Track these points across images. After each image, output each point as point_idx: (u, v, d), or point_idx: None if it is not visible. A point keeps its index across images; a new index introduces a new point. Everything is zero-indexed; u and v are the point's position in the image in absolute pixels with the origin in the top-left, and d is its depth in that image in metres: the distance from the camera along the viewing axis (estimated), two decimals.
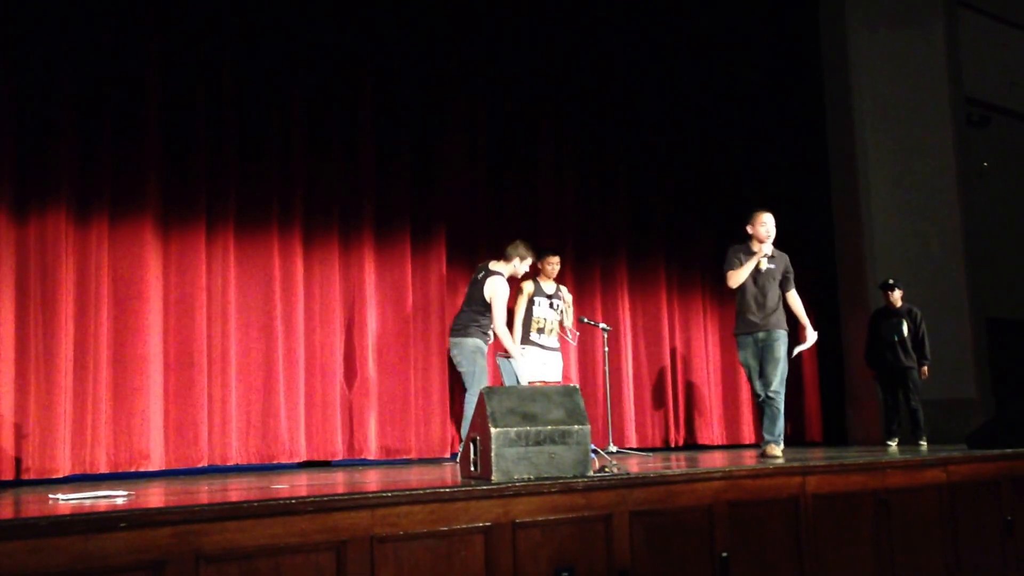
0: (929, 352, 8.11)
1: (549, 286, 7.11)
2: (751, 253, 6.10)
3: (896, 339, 8.04)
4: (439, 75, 7.46)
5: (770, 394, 5.96)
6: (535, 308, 7.01)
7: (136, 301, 5.85)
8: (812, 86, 10.01)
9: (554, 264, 7.11)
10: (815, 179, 9.85)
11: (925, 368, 8.10)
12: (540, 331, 6.99)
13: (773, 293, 6.09)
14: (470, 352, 6.49)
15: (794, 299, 6.20)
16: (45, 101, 5.70)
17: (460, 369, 6.56)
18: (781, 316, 6.08)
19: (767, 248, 6.07)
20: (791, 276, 6.20)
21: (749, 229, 6.19)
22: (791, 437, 9.06)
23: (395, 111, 7.18)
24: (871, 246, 9.54)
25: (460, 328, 6.59)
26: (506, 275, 6.65)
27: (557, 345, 7.11)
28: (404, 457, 6.84)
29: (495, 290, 6.53)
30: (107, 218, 5.85)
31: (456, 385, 7.18)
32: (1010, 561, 5.57)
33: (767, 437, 5.96)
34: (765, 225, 6.11)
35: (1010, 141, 11.27)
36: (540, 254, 7.04)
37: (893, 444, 7.93)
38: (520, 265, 6.72)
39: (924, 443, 7.77)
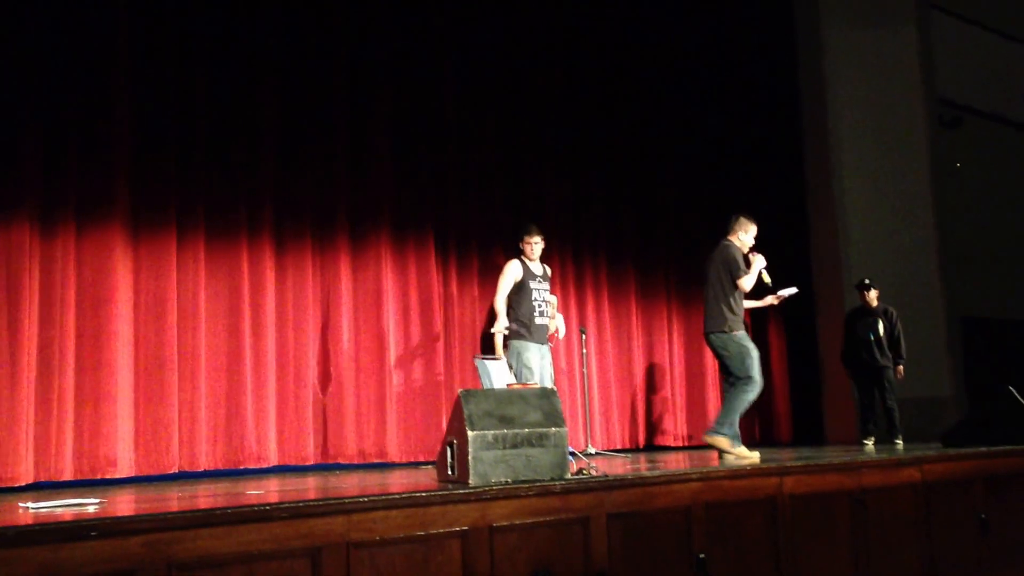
0: (905, 351, 8.17)
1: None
2: (743, 257, 6.28)
3: (872, 338, 8.09)
4: (418, 73, 7.44)
5: None
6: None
7: (104, 307, 5.77)
8: (787, 87, 10.06)
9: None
10: (790, 180, 9.91)
11: (900, 367, 8.15)
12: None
13: None
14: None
15: None
16: (8, 106, 5.61)
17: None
18: None
19: (762, 260, 6.26)
20: None
21: (740, 234, 6.34)
22: (761, 438, 9.12)
23: (373, 112, 7.14)
24: (846, 246, 9.59)
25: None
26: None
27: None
28: (381, 461, 6.80)
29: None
30: (73, 225, 5.77)
31: (447, 387, 7.17)
32: (985, 560, 5.60)
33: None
34: (753, 235, 6.41)
35: (982, 141, 11.38)
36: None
37: (869, 443, 7.97)
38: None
39: (900, 442, 7.82)
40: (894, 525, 5.18)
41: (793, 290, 6.60)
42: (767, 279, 6.26)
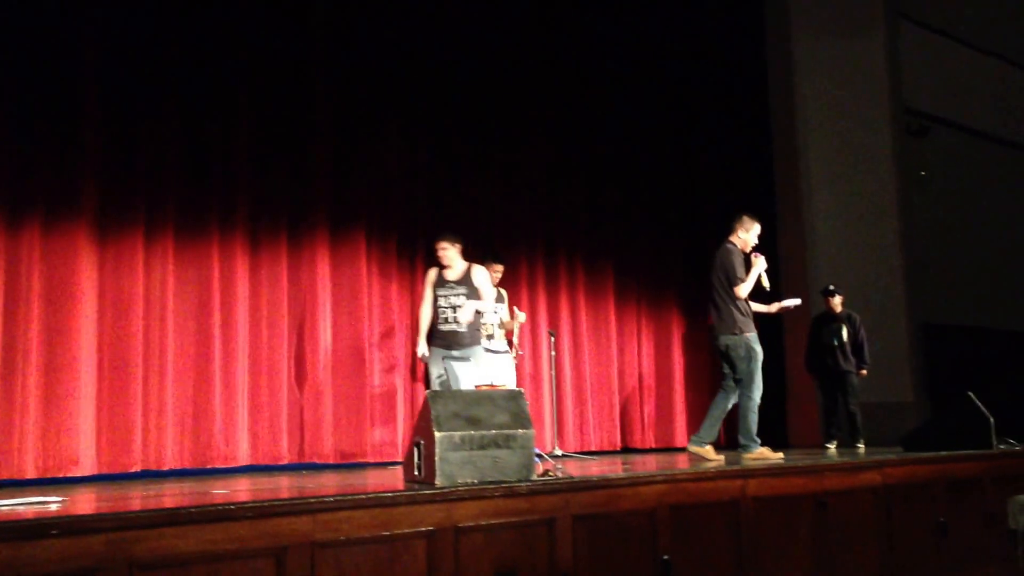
0: (868, 356, 8.28)
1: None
2: (742, 259, 6.32)
3: (836, 343, 8.19)
4: (393, 74, 7.43)
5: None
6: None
7: (69, 306, 5.72)
8: (757, 94, 10.15)
9: (498, 272, 7.14)
10: (759, 187, 9.99)
11: (864, 371, 8.26)
12: (489, 337, 6.98)
13: None
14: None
15: None
16: None
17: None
18: None
19: (763, 263, 6.29)
20: None
21: (741, 233, 6.37)
22: (726, 441, 9.18)
23: (351, 111, 7.12)
24: (813, 253, 9.69)
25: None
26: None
27: (505, 348, 7.12)
28: (359, 461, 6.77)
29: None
30: (40, 223, 5.71)
31: (416, 386, 7.16)
32: (944, 562, 5.69)
33: (756, 441, 6.28)
34: (756, 235, 6.45)
35: (948, 151, 11.54)
36: (485, 259, 7.08)
37: (832, 447, 8.06)
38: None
39: (862, 446, 7.92)
40: (855, 527, 5.25)
41: (796, 301, 6.72)
42: (766, 283, 6.34)
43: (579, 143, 8.69)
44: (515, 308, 7.37)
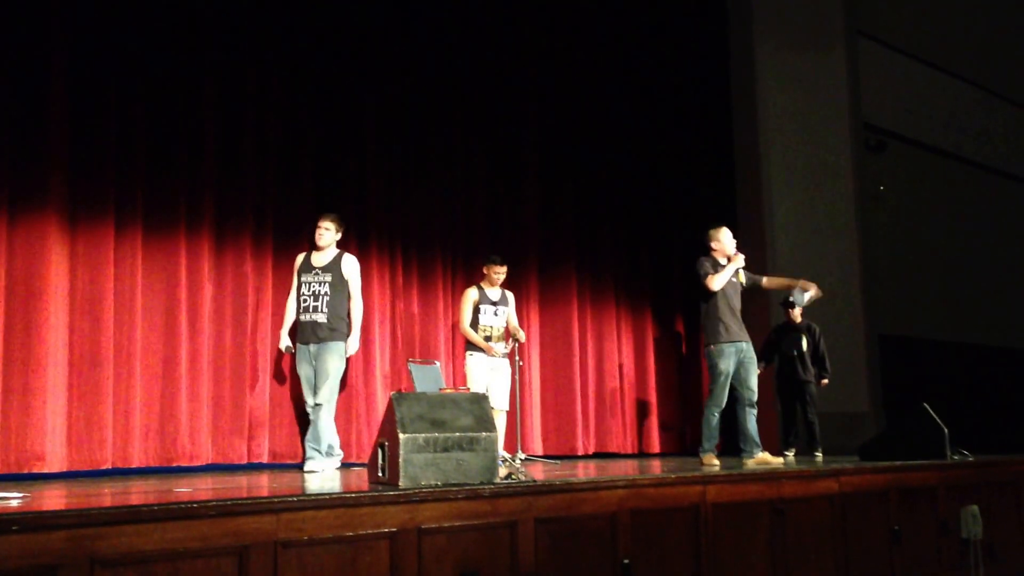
0: (829, 366, 8.41)
1: (494, 292, 7.12)
2: (718, 264, 6.48)
3: (796, 354, 8.30)
4: (348, 73, 7.42)
5: (755, 401, 6.49)
6: (481, 316, 7.01)
7: (37, 300, 5.63)
8: (720, 108, 10.28)
9: (500, 274, 7.13)
10: (722, 199, 10.11)
11: (825, 380, 8.39)
12: (487, 339, 6.99)
13: (739, 304, 6.55)
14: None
15: (774, 279, 6.96)
16: None
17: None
18: None
19: (741, 260, 6.49)
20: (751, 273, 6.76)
21: (714, 245, 6.59)
22: (688, 447, 9.27)
23: (302, 112, 7.10)
24: (773, 265, 9.82)
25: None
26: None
27: (504, 352, 7.10)
28: (292, 462, 6.73)
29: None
30: (5, 214, 5.63)
31: (391, 388, 7.13)
32: (897, 569, 5.79)
33: (758, 446, 6.44)
34: (728, 238, 6.62)
35: (905, 166, 11.78)
36: (487, 261, 7.12)
37: (790, 455, 8.16)
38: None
39: (819, 454, 8.03)
40: (811, 534, 5.33)
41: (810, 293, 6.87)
42: (742, 279, 6.50)
43: (543, 149, 8.73)
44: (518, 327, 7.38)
